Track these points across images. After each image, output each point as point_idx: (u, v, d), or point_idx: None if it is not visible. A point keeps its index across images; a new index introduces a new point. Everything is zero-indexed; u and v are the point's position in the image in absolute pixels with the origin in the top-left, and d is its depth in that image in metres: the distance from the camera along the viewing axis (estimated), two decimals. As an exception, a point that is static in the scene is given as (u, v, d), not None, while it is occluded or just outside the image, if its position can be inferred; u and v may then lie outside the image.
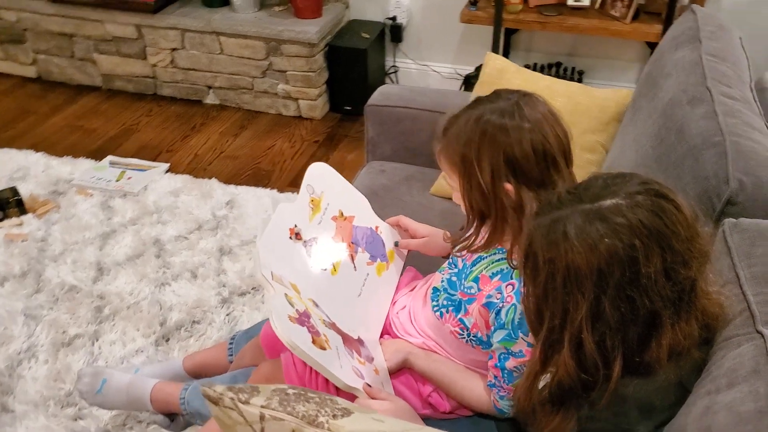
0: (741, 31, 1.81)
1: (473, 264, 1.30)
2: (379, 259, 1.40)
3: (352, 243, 1.37)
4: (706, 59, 1.56)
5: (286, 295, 1.23)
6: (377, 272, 1.39)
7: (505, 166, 1.16)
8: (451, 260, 1.38)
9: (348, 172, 3.05)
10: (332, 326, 1.30)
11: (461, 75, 3.52)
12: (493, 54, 2.02)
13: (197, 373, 1.78)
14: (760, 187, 1.23)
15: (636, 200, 0.93)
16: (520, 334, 1.18)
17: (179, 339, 2.16)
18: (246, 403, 0.86)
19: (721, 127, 1.34)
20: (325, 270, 1.37)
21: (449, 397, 1.33)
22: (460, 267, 1.34)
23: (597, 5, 3.09)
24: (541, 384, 1.07)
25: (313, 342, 1.18)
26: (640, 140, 1.57)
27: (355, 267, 1.38)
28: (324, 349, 1.19)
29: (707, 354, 1.03)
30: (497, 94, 1.23)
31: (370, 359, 1.30)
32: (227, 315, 2.26)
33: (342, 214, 1.35)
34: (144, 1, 3.33)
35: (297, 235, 1.33)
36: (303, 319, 1.22)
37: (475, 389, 1.30)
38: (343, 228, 1.35)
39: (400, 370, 1.35)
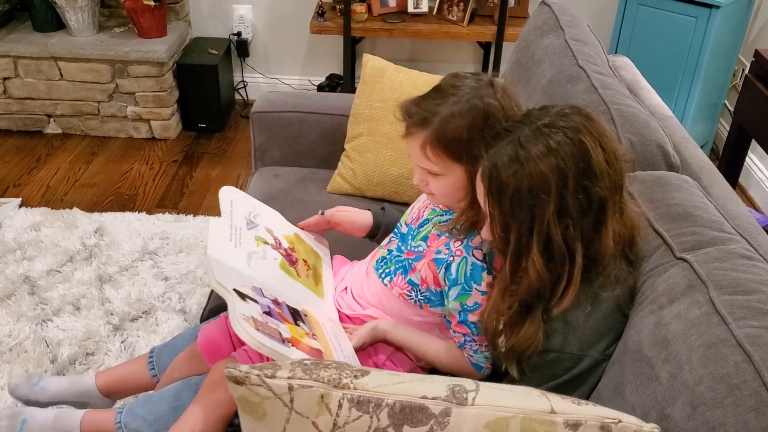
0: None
1: (420, 226, 1.39)
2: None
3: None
4: (572, 43, 1.77)
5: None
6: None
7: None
8: (395, 232, 1.46)
9: (216, 187, 3.04)
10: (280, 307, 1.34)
11: (314, 84, 3.60)
12: (370, 55, 2.12)
13: (112, 390, 1.68)
14: (646, 144, 1.43)
15: (569, 112, 1.12)
16: (473, 285, 1.26)
17: (76, 373, 2.06)
18: (272, 377, 0.89)
19: (603, 98, 1.54)
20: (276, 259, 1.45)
21: (401, 364, 1.40)
22: (405, 232, 1.42)
23: (435, 11, 3.31)
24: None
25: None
26: (525, 119, 1.75)
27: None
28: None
29: (637, 278, 1.20)
30: (459, 78, 1.28)
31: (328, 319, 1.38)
32: (122, 342, 2.17)
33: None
34: (-33, 29, 3.10)
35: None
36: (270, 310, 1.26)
37: (447, 350, 1.35)
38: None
39: None
